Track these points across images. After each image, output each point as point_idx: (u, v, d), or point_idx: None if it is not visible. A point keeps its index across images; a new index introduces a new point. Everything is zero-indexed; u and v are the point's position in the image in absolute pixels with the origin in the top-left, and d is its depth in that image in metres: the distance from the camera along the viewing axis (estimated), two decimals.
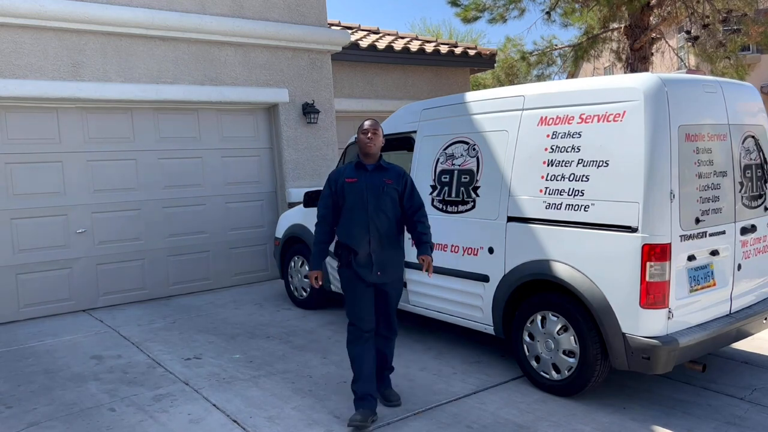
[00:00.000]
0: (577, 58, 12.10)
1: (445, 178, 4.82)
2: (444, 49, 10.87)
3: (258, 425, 3.72)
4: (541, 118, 4.15)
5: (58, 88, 6.39)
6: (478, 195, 4.55)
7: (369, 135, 3.74)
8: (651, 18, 10.59)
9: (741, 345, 4.84)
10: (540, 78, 12.96)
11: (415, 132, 5.21)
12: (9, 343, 5.60)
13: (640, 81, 3.68)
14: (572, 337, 3.92)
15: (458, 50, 11.10)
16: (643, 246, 3.54)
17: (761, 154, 4.34)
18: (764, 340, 4.96)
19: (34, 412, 4.01)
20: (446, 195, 4.80)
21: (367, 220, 3.67)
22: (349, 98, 9.86)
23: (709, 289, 3.84)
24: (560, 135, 4.01)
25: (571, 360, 3.93)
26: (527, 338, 4.20)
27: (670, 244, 3.55)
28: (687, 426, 3.60)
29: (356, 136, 3.87)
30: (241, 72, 7.65)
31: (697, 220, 3.73)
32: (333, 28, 9.34)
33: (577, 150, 3.90)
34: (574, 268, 3.86)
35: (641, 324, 3.58)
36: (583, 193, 3.85)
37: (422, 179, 4.94)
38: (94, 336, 5.77)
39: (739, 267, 4.07)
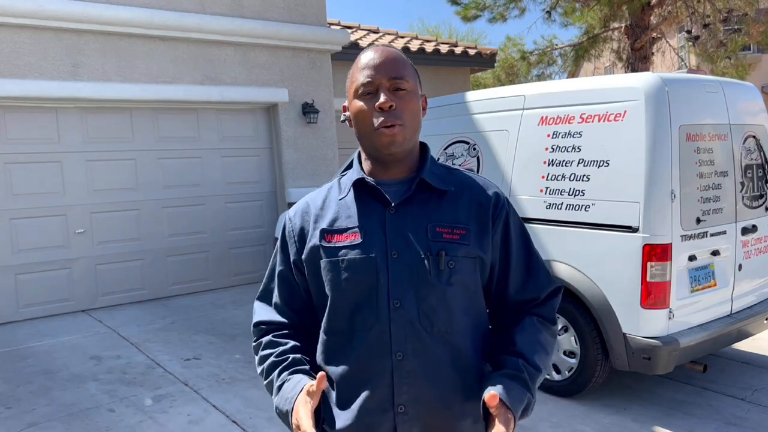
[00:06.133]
0: (577, 58, 12.07)
1: None
2: (444, 48, 10.85)
3: (258, 426, 3.71)
4: (542, 117, 4.13)
5: (57, 88, 6.37)
6: None
7: (386, 80, 1.32)
8: (651, 17, 10.56)
9: (742, 345, 4.83)
10: (540, 77, 12.93)
11: None
12: (8, 344, 5.59)
13: (641, 81, 3.66)
14: (573, 338, 3.91)
15: (458, 50, 11.09)
16: (644, 246, 3.53)
17: (762, 154, 4.33)
18: (765, 341, 4.95)
19: (33, 413, 4.00)
20: None
21: (390, 356, 1.32)
22: None
23: (710, 289, 3.83)
24: (561, 135, 4.00)
25: (572, 360, 3.92)
26: None
27: (670, 244, 3.54)
28: (688, 426, 3.59)
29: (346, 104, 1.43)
30: (241, 72, 7.64)
31: (698, 220, 3.72)
32: (333, 27, 9.33)
33: (577, 150, 3.89)
34: (575, 268, 3.85)
35: (642, 324, 3.57)
36: (583, 193, 3.84)
37: None
38: (93, 336, 5.76)
39: (740, 267, 4.05)
